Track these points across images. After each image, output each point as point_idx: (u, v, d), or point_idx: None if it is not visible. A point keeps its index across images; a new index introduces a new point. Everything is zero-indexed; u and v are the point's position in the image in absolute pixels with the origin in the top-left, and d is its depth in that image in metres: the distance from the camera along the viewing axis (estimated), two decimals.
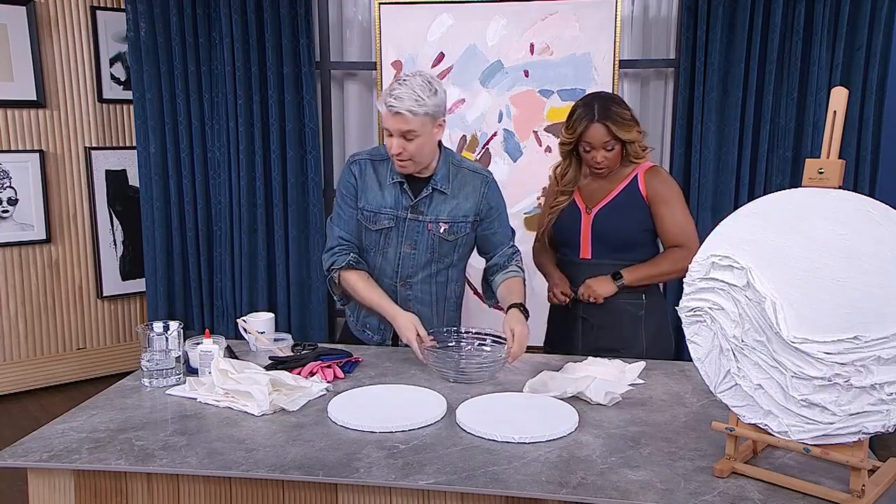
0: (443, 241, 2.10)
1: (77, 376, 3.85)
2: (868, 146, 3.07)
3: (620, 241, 2.17)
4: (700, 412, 1.68)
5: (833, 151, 1.31)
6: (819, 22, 3.01)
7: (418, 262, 2.11)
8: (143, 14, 3.38)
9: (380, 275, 2.13)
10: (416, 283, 2.13)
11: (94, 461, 1.45)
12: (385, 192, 2.08)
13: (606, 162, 2.14)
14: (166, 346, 1.86)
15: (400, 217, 2.08)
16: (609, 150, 2.12)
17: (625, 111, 2.12)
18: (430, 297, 2.16)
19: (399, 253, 2.10)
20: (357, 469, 1.40)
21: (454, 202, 2.08)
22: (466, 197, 2.10)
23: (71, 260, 3.83)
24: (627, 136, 2.11)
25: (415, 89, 1.92)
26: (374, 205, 2.09)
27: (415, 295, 2.14)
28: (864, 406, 1.22)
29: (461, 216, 2.09)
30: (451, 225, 2.09)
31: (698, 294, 1.40)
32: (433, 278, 2.14)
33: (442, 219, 2.08)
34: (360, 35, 3.56)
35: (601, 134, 2.10)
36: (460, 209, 2.09)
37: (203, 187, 3.53)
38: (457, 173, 2.10)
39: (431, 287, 2.15)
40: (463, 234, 2.11)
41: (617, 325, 2.18)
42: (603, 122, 2.09)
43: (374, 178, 2.10)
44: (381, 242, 2.11)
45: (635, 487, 1.33)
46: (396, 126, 1.94)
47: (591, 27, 3.16)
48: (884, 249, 1.21)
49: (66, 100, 3.73)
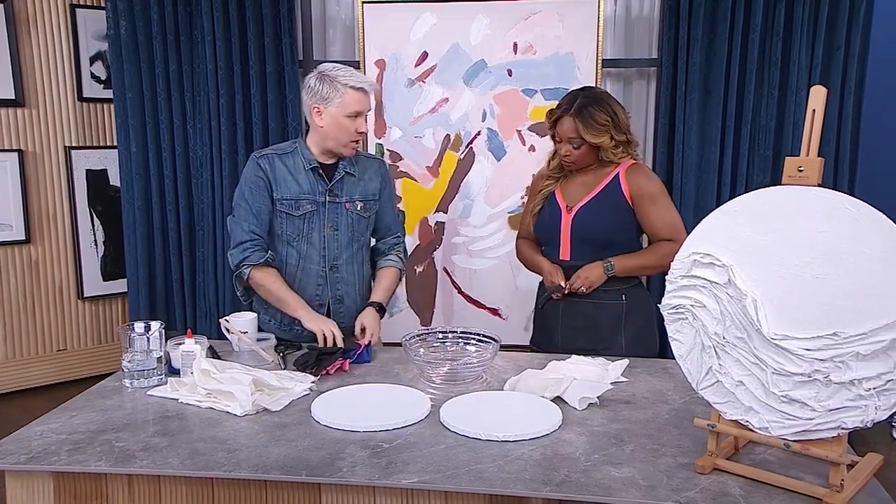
0: (360, 218, 2.23)
1: (57, 378, 3.80)
2: (847, 144, 3.11)
3: (600, 240, 2.16)
4: (682, 409, 1.69)
5: (812, 149, 1.32)
6: (798, 22, 3.04)
7: (341, 242, 2.21)
8: (124, 12, 3.35)
9: (307, 263, 2.20)
10: (342, 265, 2.22)
11: (73, 463, 1.44)
12: (300, 180, 2.16)
13: (571, 157, 2.15)
14: (148, 346, 1.85)
15: (319, 201, 2.17)
16: (575, 148, 2.13)
17: (603, 115, 2.09)
18: (353, 277, 2.26)
19: (323, 236, 2.19)
20: (340, 469, 1.40)
21: (362, 183, 2.23)
22: (371, 178, 2.26)
23: (51, 260, 3.78)
24: (593, 140, 2.09)
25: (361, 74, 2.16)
26: (293, 192, 2.16)
27: (342, 277, 2.23)
28: (843, 402, 1.24)
29: (371, 195, 2.25)
30: (365, 203, 2.24)
31: (680, 292, 1.41)
32: (354, 258, 2.25)
33: (356, 198, 2.22)
34: (343, 34, 3.55)
35: (569, 128, 2.11)
36: (368, 189, 2.25)
37: (185, 187, 3.51)
38: (357, 160, 2.24)
39: (354, 267, 2.26)
40: (374, 212, 2.28)
41: (596, 326, 2.18)
42: (574, 118, 2.09)
43: (285, 169, 2.17)
44: (304, 228, 2.18)
45: (618, 484, 1.33)
46: (366, 106, 2.12)
47: (573, 27, 3.17)
48: (862, 247, 1.22)
49: (46, 98, 3.68)
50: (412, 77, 3.30)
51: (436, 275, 3.40)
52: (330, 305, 2.23)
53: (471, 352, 1.99)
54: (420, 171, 3.35)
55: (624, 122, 2.15)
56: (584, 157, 2.16)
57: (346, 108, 2.08)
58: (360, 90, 2.08)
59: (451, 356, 1.98)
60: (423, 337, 2.03)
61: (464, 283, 3.41)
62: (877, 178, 3.27)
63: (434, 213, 3.38)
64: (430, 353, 1.97)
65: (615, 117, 2.12)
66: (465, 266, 3.41)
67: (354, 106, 2.08)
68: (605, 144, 2.12)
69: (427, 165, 3.36)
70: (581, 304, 2.17)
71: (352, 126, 2.09)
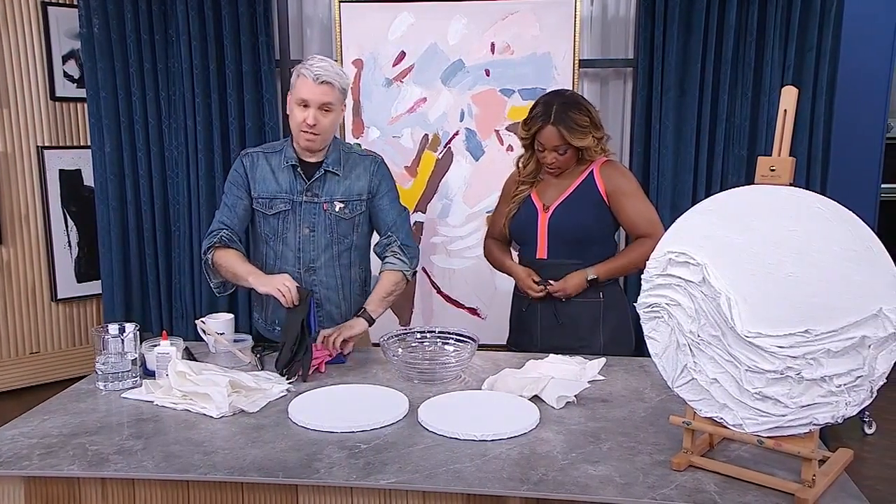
0: (340, 220, 2.14)
1: (31, 381, 3.76)
2: (819, 144, 3.15)
3: (577, 238, 2.17)
4: (658, 407, 1.70)
5: (784, 149, 1.34)
6: (771, 24, 3.09)
7: (318, 243, 2.14)
8: (97, 10, 3.31)
9: (282, 264, 2.15)
10: (320, 268, 2.16)
11: (45, 467, 1.42)
12: (279, 178, 2.13)
13: (557, 164, 2.15)
14: (122, 348, 1.83)
15: (296, 201, 2.13)
16: (561, 154, 2.13)
17: (582, 117, 2.10)
18: (335, 280, 2.19)
19: (298, 237, 2.14)
20: (318, 470, 1.39)
21: (347, 182, 2.15)
22: (358, 177, 2.16)
23: (23, 262, 3.73)
24: (580, 143, 2.10)
25: (332, 66, 2.02)
26: (269, 191, 2.13)
27: (320, 279, 2.17)
28: (815, 398, 1.26)
29: (355, 195, 2.15)
30: (346, 203, 2.14)
31: (656, 290, 1.42)
32: (336, 261, 2.17)
33: (337, 198, 2.14)
34: (320, 33, 3.53)
35: (553, 137, 2.10)
36: (353, 188, 2.15)
37: (160, 187, 3.47)
38: (347, 158, 2.17)
39: (335, 270, 2.18)
40: (359, 213, 2.17)
41: (575, 325, 2.19)
42: (557, 127, 2.08)
43: (267, 167, 2.15)
44: (279, 228, 2.14)
45: (595, 482, 1.34)
46: (318, 96, 2.00)
47: (550, 27, 3.19)
48: (833, 245, 1.24)
49: (18, 98, 3.63)
50: (390, 77, 3.29)
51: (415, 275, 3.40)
52: None
53: (449, 351, 2.00)
54: (398, 170, 3.35)
55: (598, 119, 2.16)
56: (568, 162, 2.16)
57: (296, 95, 2.02)
58: (306, 78, 1.99)
59: (430, 356, 1.98)
60: (402, 337, 2.03)
61: (443, 283, 3.41)
62: (848, 178, 3.33)
63: (413, 213, 3.38)
64: (408, 352, 1.97)
65: (591, 116, 2.13)
66: (444, 266, 3.41)
67: (299, 93, 2.01)
68: (589, 145, 2.12)
69: (405, 165, 3.36)
70: (559, 304, 2.18)
71: (300, 115, 2.02)
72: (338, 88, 2.02)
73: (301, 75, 2.01)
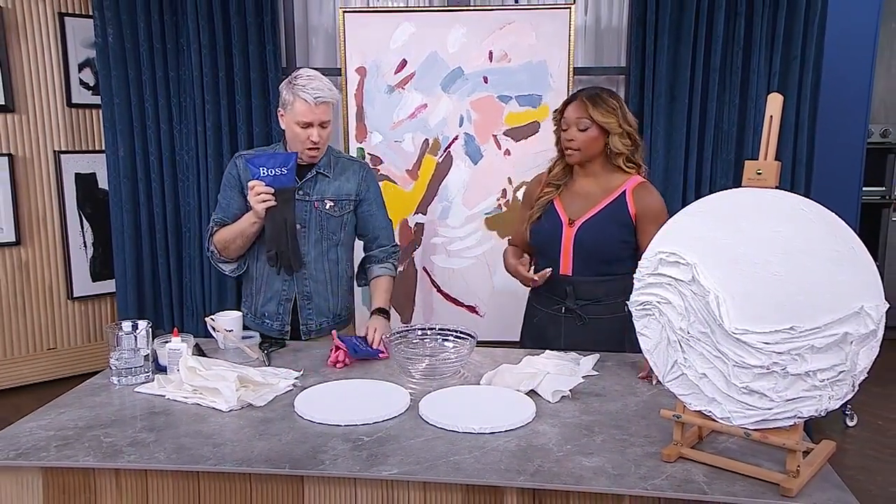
0: (330, 217, 2.26)
1: (48, 376, 3.84)
2: (804, 148, 3.22)
3: (603, 256, 2.13)
4: (650, 401, 1.75)
5: (770, 153, 1.38)
6: (758, 34, 3.16)
7: (309, 238, 2.25)
8: (111, 20, 3.37)
9: None
10: (311, 262, 2.27)
11: (62, 458, 1.47)
12: None
13: (577, 143, 2.09)
14: (135, 344, 1.88)
15: None
16: (582, 130, 2.09)
17: (611, 100, 2.09)
18: (324, 275, 2.30)
19: None
20: (323, 461, 1.43)
21: (336, 183, 2.27)
22: (348, 179, 2.29)
23: (41, 261, 3.81)
24: (602, 119, 2.05)
25: (324, 83, 2.14)
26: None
27: (310, 274, 2.27)
28: (800, 392, 1.29)
29: (345, 195, 2.28)
30: (336, 202, 2.27)
31: (647, 289, 1.47)
32: (325, 256, 2.29)
33: (327, 197, 2.26)
34: (325, 42, 3.60)
35: (577, 110, 2.09)
36: (343, 189, 2.28)
37: (172, 190, 3.54)
38: (337, 162, 2.30)
39: (325, 265, 2.29)
40: (348, 212, 2.30)
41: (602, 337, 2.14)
42: (581, 99, 2.10)
43: None
44: None
45: (589, 473, 1.38)
46: (318, 116, 2.13)
47: (546, 36, 3.24)
48: (817, 246, 1.28)
49: (35, 104, 3.72)
50: (392, 84, 3.35)
51: (416, 274, 3.45)
52: (297, 301, 2.28)
53: (449, 348, 2.04)
54: (400, 174, 3.41)
55: (630, 116, 2.13)
56: (588, 145, 2.10)
57: (296, 117, 2.13)
58: (305, 101, 2.10)
59: (430, 352, 2.03)
60: (404, 334, 2.08)
61: (443, 282, 3.46)
62: (831, 181, 3.39)
63: (414, 215, 3.43)
64: (409, 349, 2.02)
65: (623, 108, 2.11)
66: (444, 265, 3.46)
67: (301, 115, 2.12)
68: (612, 127, 2.07)
69: (407, 168, 3.41)
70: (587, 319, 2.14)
71: (303, 134, 2.14)
72: (332, 104, 2.15)
73: (299, 98, 2.11)
